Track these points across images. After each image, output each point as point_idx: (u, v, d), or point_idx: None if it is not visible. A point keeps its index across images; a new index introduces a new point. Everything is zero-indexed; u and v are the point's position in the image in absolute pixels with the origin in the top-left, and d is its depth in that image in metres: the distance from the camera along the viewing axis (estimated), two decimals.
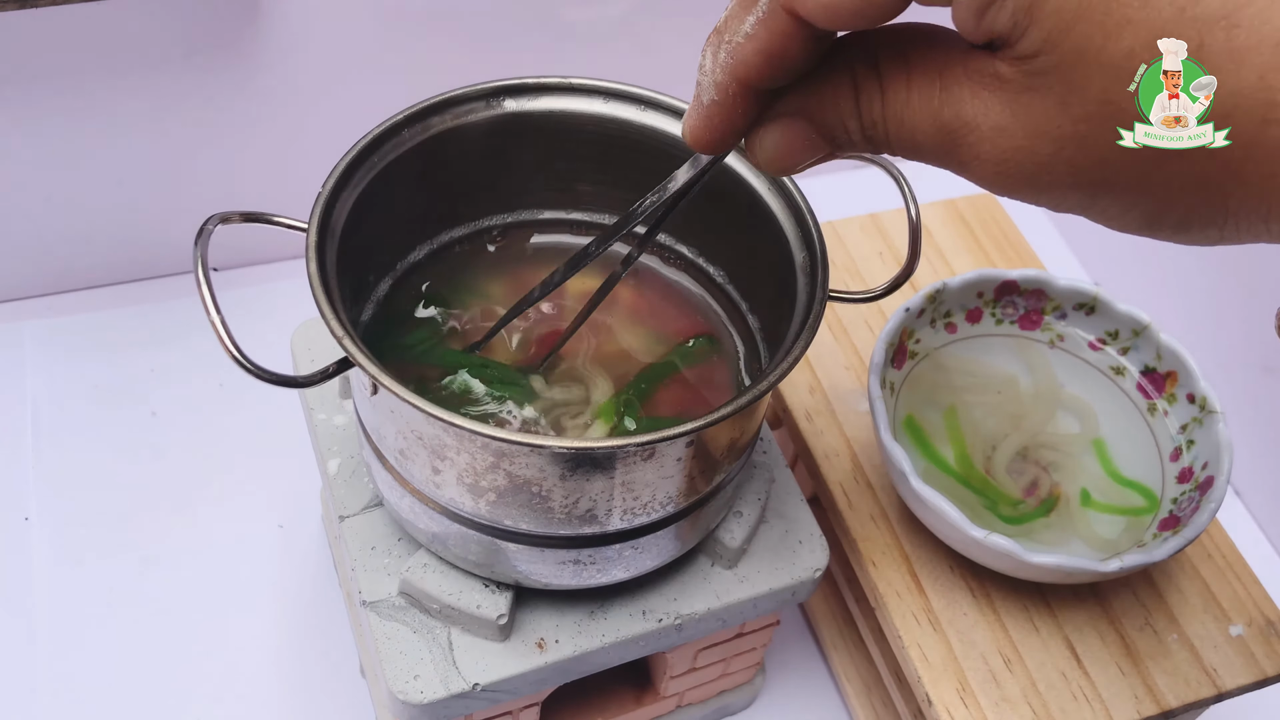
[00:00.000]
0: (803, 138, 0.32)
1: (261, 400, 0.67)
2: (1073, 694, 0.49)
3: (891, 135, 0.30)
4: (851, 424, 0.58)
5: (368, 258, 0.47)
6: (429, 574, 0.46)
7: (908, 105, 0.29)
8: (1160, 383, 0.55)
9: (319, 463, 0.53)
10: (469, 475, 0.41)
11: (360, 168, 0.44)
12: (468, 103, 0.47)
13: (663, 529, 0.45)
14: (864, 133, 0.31)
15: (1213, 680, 0.50)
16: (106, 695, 0.59)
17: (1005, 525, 0.52)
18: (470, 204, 0.51)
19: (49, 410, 0.70)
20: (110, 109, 0.67)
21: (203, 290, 0.39)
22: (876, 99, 0.30)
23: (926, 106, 0.29)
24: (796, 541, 0.50)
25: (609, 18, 0.73)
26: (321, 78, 0.70)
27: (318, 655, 0.62)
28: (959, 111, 0.28)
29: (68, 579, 0.63)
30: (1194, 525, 0.48)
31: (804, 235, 0.45)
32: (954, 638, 0.51)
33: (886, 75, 0.30)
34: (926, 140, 0.29)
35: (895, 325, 0.54)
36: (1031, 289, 0.57)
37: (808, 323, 0.42)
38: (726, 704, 0.61)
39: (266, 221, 0.44)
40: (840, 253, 0.64)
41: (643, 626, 0.47)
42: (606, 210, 0.52)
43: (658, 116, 0.48)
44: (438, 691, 0.45)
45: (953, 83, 0.29)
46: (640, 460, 0.40)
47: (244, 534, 0.66)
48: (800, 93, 0.31)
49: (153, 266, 0.76)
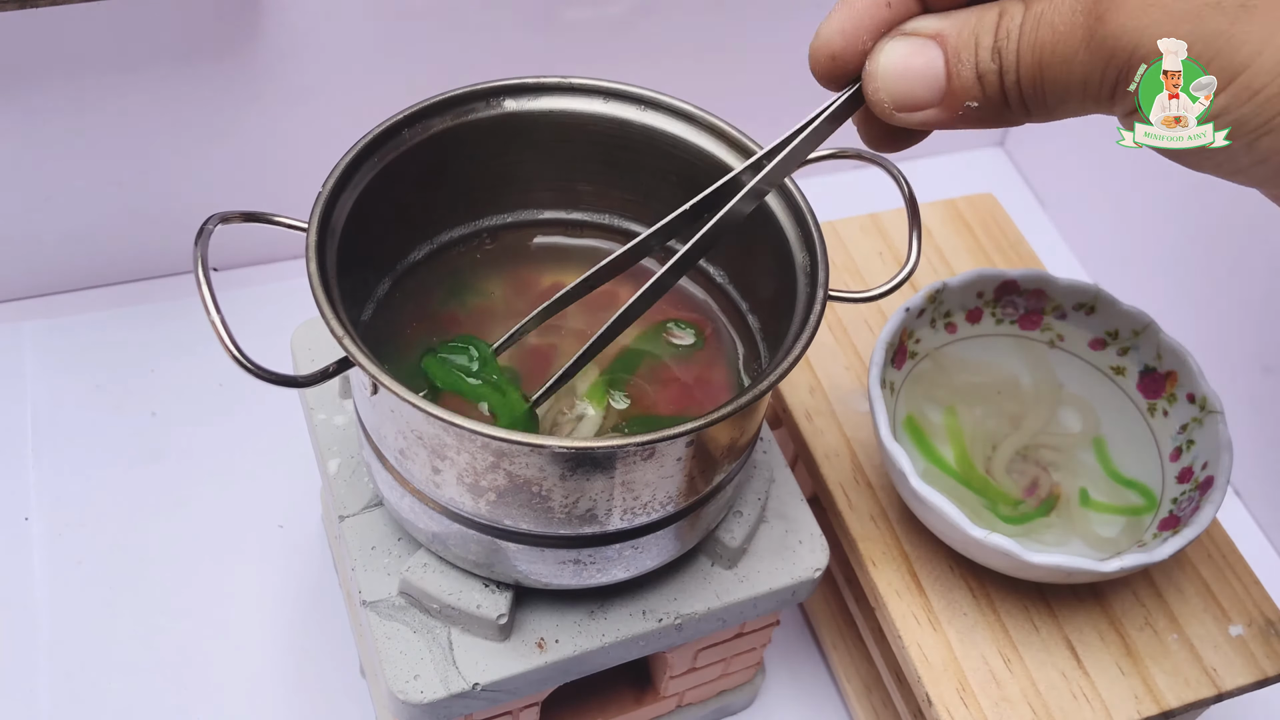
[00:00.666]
0: (928, 62, 0.31)
1: (261, 400, 0.67)
2: (1073, 694, 0.49)
3: (1024, 39, 0.30)
4: (851, 424, 0.58)
5: (368, 258, 0.47)
6: (429, 574, 0.46)
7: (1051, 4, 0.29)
8: (1160, 382, 0.55)
9: (319, 463, 0.53)
10: (469, 475, 0.41)
11: (360, 168, 0.44)
12: (468, 103, 0.47)
13: (663, 529, 0.45)
14: (994, 48, 0.30)
15: (1213, 680, 0.50)
16: (107, 695, 0.59)
17: (1005, 525, 0.52)
18: (470, 204, 0.51)
19: (49, 410, 0.70)
20: (110, 109, 0.67)
21: (203, 290, 0.39)
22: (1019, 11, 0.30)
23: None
24: (796, 541, 0.51)
25: (609, 18, 0.73)
26: (322, 78, 0.70)
27: (318, 655, 0.62)
28: None
29: (68, 579, 0.63)
30: (1194, 525, 0.48)
31: (804, 235, 0.45)
32: (954, 638, 0.51)
33: None
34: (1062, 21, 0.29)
35: (895, 325, 0.54)
36: (1032, 289, 0.57)
37: (808, 323, 0.42)
38: (726, 704, 0.61)
39: (266, 221, 0.44)
40: (840, 253, 0.64)
41: (643, 626, 0.47)
42: (607, 210, 0.52)
43: (658, 116, 0.48)
44: (438, 691, 0.45)
45: None
46: (640, 460, 0.40)
47: (244, 534, 0.66)
48: (942, 16, 0.31)
49: (153, 266, 0.76)
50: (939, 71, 0.31)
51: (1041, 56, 0.30)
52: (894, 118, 0.33)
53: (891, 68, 0.32)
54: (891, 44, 0.32)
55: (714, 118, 0.48)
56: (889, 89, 0.32)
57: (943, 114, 0.32)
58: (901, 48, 0.32)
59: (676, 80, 0.58)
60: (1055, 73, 0.30)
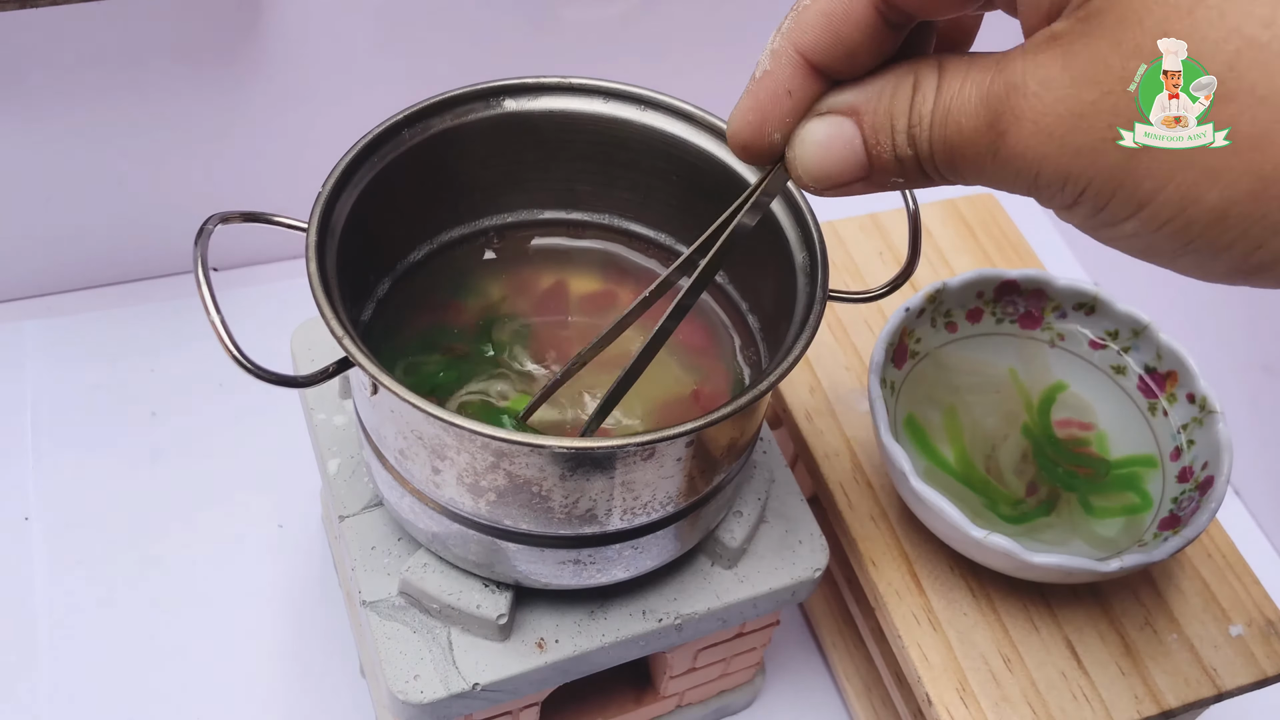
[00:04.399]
0: (846, 142, 0.31)
1: (261, 400, 0.67)
2: (1073, 694, 0.49)
3: (935, 131, 0.29)
4: (851, 424, 0.58)
5: (368, 258, 0.47)
6: (429, 574, 0.46)
7: (959, 94, 0.29)
8: (1160, 382, 0.55)
9: (319, 463, 0.53)
10: (469, 475, 0.41)
11: (360, 168, 0.44)
12: (468, 103, 0.47)
13: (663, 529, 0.45)
14: (909, 133, 0.30)
15: (1213, 680, 0.50)
16: (107, 695, 0.59)
17: (1006, 525, 0.52)
18: (470, 204, 0.51)
19: (49, 410, 0.70)
20: (110, 109, 0.67)
21: (203, 290, 0.39)
22: (931, 91, 0.29)
23: (978, 89, 0.28)
24: (796, 541, 0.51)
25: (609, 18, 0.73)
26: (322, 77, 0.70)
27: (318, 655, 0.62)
28: (1008, 77, 0.28)
29: (68, 579, 0.63)
30: (1194, 525, 0.48)
31: (804, 235, 0.45)
32: (954, 638, 0.51)
33: (947, 65, 0.29)
34: (969, 123, 0.28)
35: (895, 325, 0.54)
36: (1032, 289, 0.57)
37: (808, 323, 0.42)
38: (726, 704, 0.61)
39: (266, 221, 0.44)
40: (840, 253, 0.64)
41: (643, 626, 0.47)
42: (606, 210, 0.52)
43: (658, 116, 0.48)
44: (438, 691, 0.45)
45: (1009, 60, 0.28)
46: (640, 460, 0.40)
47: (244, 534, 0.66)
48: (854, 88, 0.31)
49: (153, 266, 0.76)
50: (859, 151, 0.31)
51: (952, 154, 0.29)
52: (823, 194, 0.33)
53: (812, 152, 0.31)
54: (810, 126, 0.31)
55: (714, 118, 0.48)
56: (811, 172, 0.32)
57: (870, 187, 0.32)
58: (819, 131, 0.31)
59: (676, 80, 0.58)
60: (970, 169, 0.29)
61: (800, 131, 0.32)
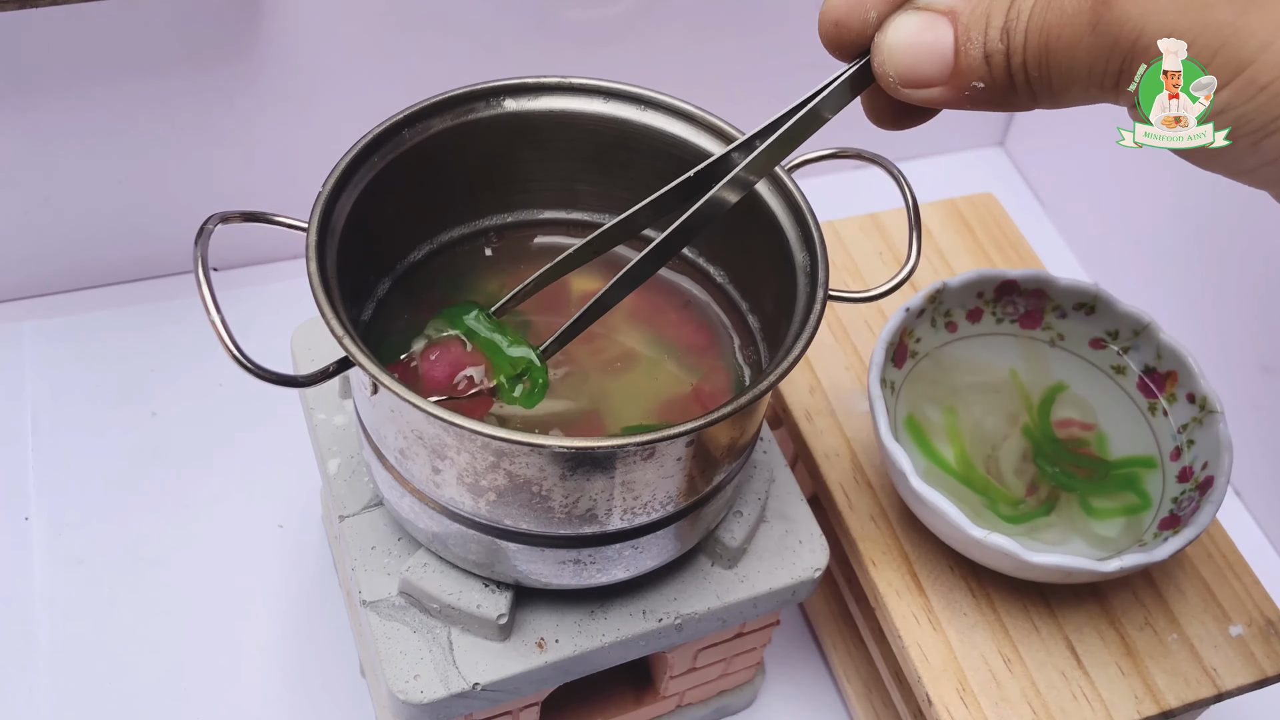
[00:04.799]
0: (936, 39, 0.31)
1: (261, 400, 0.67)
2: (1073, 694, 0.49)
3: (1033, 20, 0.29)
4: (851, 424, 0.58)
5: (368, 258, 0.47)
6: (429, 574, 0.46)
7: None
8: (1161, 382, 0.55)
9: (319, 463, 0.53)
10: (469, 475, 0.41)
11: (360, 168, 0.44)
12: (468, 103, 0.47)
13: (663, 529, 0.45)
14: (1004, 28, 0.30)
15: (1213, 680, 0.50)
16: (107, 695, 0.59)
17: (1006, 525, 0.52)
18: (470, 204, 0.51)
19: (49, 410, 0.70)
20: (110, 109, 0.67)
21: (203, 290, 0.39)
22: None
23: None
24: (796, 541, 0.51)
25: (609, 18, 0.73)
26: (322, 77, 0.70)
27: (318, 655, 0.62)
28: None
29: (68, 579, 0.63)
30: (1194, 525, 0.48)
31: (804, 235, 0.45)
32: (954, 638, 0.51)
33: None
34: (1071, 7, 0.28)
35: (895, 325, 0.54)
36: (1032, 289, 0.57)
37: (808, 323, 0.42)
38: (726, 704, 0.61)
39: (266, 221, 0.44)
40: (840, 253, 0.64)
41: (643, 626, 0.47)
42: (607, 210, 0.52)
43: (658, 116, 0.48)
44: (438, 691, 0.45)
45: None
46: (640, 460, 0.40)
47: (244, 534, 0.66)
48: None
49: (153, 266, 0.76)
50: (947, 49, 0.31)
51: (1048, 40, 0.29)
52: (899, 93, 0.32)
53: (899, 42, 0.31)
54: (903, 18, 0.32)
55: (714, 118, 0.48)
56: (895, 63, 0.32)
57: (949, 93, 0.32)
58: (912, 22, 0.31)
59: (676, 80, 0.58)
60: (1060, 57, 0.29)
61: (895, 19, 0.31)
